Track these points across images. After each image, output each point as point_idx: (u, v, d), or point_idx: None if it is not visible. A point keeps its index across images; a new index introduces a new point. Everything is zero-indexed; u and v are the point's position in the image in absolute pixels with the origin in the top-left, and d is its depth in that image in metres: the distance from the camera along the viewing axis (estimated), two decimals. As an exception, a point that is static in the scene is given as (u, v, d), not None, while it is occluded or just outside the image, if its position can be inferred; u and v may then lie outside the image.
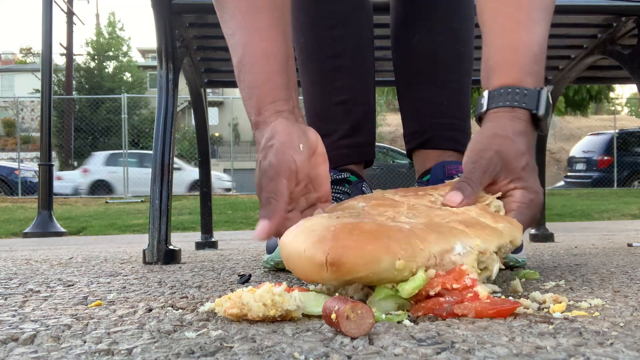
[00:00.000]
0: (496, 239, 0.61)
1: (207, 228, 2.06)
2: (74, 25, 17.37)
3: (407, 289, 0.54)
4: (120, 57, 23.56)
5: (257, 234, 0.69)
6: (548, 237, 2.04)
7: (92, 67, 22.63)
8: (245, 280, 0.91)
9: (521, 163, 0.72)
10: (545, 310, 0.57)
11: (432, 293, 0.55)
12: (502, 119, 0.76)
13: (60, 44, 18.15)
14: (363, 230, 0.55)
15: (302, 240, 0.57)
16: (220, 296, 0.63)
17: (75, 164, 16.53)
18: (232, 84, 1.98)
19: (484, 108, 0.78)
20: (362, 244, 0.54)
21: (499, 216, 0.67)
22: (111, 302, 0.70)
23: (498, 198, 0.72)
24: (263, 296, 0.53)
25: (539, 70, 0.79)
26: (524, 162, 0.73)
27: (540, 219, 2.09)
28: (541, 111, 0.76)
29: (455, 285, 0.55)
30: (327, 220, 0.60)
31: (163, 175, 1.32)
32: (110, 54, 23.17)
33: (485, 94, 0.79)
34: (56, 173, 11.19)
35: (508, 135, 0.73)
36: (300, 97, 1.04)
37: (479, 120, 0.80)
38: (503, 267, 0.65)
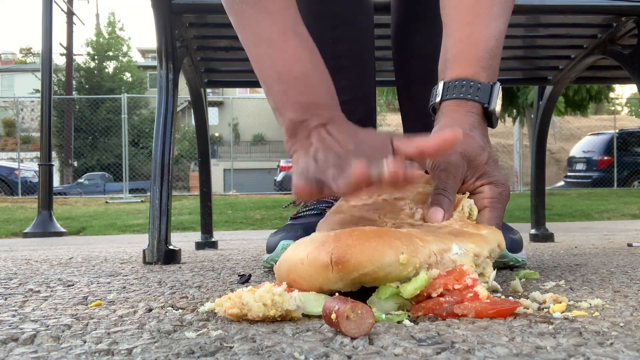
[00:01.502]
0: (486, 244, 0.62)
1: (207, 228, 2.06)
2: (74, 25, 17.38)
3: (409, 289, 0.54)
4: (120, 57, 23.57)
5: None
6: (548, 237, 2.04)
7: (92, 67, 22.64)
8: (245, 280, 0.91)
9: (483, 158, 0.73)
10: (545, 310, 0.57)
11: (434, 295, 0.55)
12: (457, 113, 0.77)
13: (60, 44, 18.17)
14: (363, 231, 0.56)
15: (302, 249, 0.57)
16: (220, 296, 0.63)
17: (76, 164, 16.55)
18: (232, 84, 1.98)
19: (438, 98, 0.79)
20: (365, 241, 0.54)
21: (478, 225, 0.68)
22: (111, 302, 0.70)
23: (469, 197, 0.73)
24: (263, 296, 0.53)
25: (494, 65, 0.80)
26: (486, 157, 0.74)
27: (539, 219, 2.09)
28: (492, 105, 0.77)
29: (456, 286, 0.55)
30: (322, 233, 0.62)
31: (163, 175, 1.32)
32: (110, 54, 23.18)
33: (440, 84, 0.80)
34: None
35: (466, 132, 0.74)
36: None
37: (433, 111, 0.82)
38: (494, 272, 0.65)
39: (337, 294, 0.54)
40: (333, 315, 0.47)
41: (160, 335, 0.49)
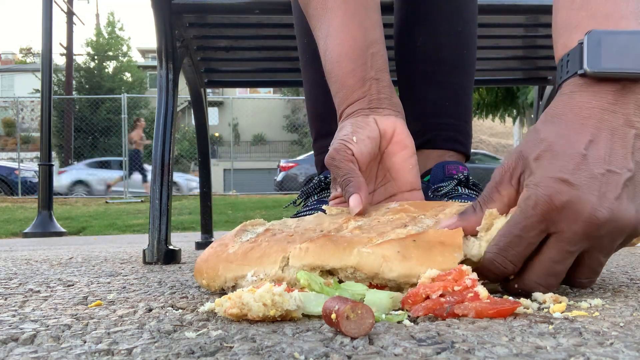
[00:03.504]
0: (316, 259, 0.61)
1: (207, 228, 2.06)
2: (74, 25, 17.37)
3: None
4: (120, 57, 23.57)
5: (353, 207, 0.68)
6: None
7: (92, 67, 22.64)
8: (245, 280, 0.91)
9: (534, 153, 0.56)
10: (545, 310, 0.56)
11: (433, 296, 0.55)
12: (585, 92, 0.55)
13: (60, 44, 18.16)
14: (216, 255, 0.70)
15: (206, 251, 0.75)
16: (220, 296, 0.63)
17: (75, 164, 16.53)
18: (232, 84, 1.98)
19: (569, 74, 0.58)
20: (204, 262, 0.72)
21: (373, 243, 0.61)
22: (111, 302, 0.70)
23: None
24: (263, 296, 0.53)
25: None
26: (539, 150, 0.56)
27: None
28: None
29: (456, 287, 0.55)
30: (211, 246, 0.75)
31: (163, 175, 1.32)
32: (110, 54, 23.18)
33: (576, 49, 0.57)
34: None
35: (556, 119, 0.55)
36: (302, 97, 1.05)
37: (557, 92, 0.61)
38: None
39: (336, 294, 0.54)
40: (333, 315, 0.47)
41: (160, 335, 0.49)
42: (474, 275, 0.56)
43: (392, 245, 0.58)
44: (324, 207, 0.77)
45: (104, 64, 22.96)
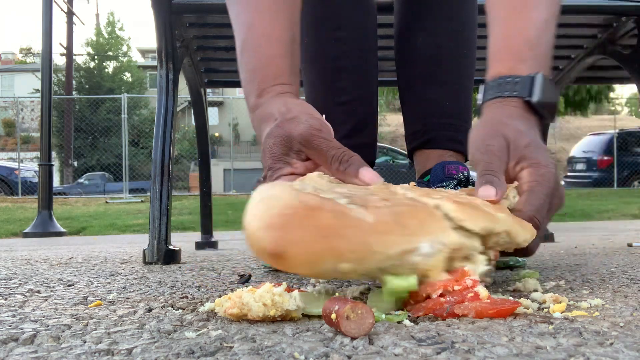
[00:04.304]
0: (484, 222, 0.56)
1: (207, 228, 2.06)
2: (74, 25, 17.38)
3: (397, 283, 0.53)
4: (120, 57, 23.57)
5: (371, 180, 0.66)
6: (548, 237, 2.04)
7: (92, 67, 22.64)
8: (245, 280, 0.90)
9: (523, 141, 0.69)
10: (545, 310, 0.56)
11: (434, 296, 0.55)
12: (495, 108, 0.74)
13: (60, 44, 18.17)
14: (314, 225, 0.51)
15: (259, 215, 0.53)
16: (220, 296, 0.63)
17: (75, 164, 16.54)
18: (232, 84, 1.98)
19: (480, 101, 0.78)
20: (307, 242, 0.50)
21: (501, 207, 0.62)
22: (111, 302, 0.70)
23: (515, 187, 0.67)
24: (263, 296, 0.53)
25: (538, 55, 0.76)
26: (527, 140, 0.69)
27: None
28: (535, 97, 0.73)
29: (456, 287, 0.55)
30: (289, 194, 0.54)
31: (163, 175, 1.32)
32: (110, 54, 23.18)
33: (481, 87, 0.78)
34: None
35: (502, 120, 0.71)
36: (302, 98, 1.04)
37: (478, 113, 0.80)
38: (492, 267, 0.59)
39: (337, 293, 0.54)
40: (333, 315, 0.47)
41: (160, 335, 0.49)
42: (476, 276, 0.56)
43: (508, 214, 0.62)
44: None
45: (104, 64, 22.97)
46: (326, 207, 0.52)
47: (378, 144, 1.32)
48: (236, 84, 1.99)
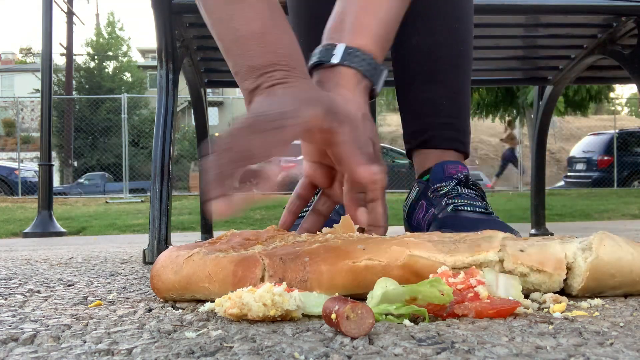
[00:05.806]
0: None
1: (207, 228, 2.07)
2: (74, 25, 17.39)
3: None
4: (120, 57, 23.57)
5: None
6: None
7: (92, 67, 22.64)
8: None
9: (362, 111, 0.74)
10: (545, 310, 0.57)
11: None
12: (355, 88, 0.75)
13: (60, 44, 18.18)
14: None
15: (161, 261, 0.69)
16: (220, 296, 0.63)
17: (76, 164, 16.54)
18: (232, 84, 1.98)
19: (336, 60, 0.76)
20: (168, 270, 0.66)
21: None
22: (111, 302, 0.70)
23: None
24: (263, 296, 0.53)
25: (385, 50, 0.81)
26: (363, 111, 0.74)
27: (539, 219, 2.09)
28: (378, 90, 0.78)
29: (459, 286, 0.55)
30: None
31: (163, 175, 1.32)
32: (110, 54, 23.18)
33: (341, 46, 0.77)
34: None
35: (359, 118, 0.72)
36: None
37: (314, 68, 0.78)
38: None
39: (337, 294, 0.54)
40: (333, 315, 0.47)
41: (160, 335, 0.49)
42: (480, 277, 0.56)
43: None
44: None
45: (104, 64, 22.96)
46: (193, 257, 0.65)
47: (378, 144, 1.32)
48: (236, 84, 1.99)
